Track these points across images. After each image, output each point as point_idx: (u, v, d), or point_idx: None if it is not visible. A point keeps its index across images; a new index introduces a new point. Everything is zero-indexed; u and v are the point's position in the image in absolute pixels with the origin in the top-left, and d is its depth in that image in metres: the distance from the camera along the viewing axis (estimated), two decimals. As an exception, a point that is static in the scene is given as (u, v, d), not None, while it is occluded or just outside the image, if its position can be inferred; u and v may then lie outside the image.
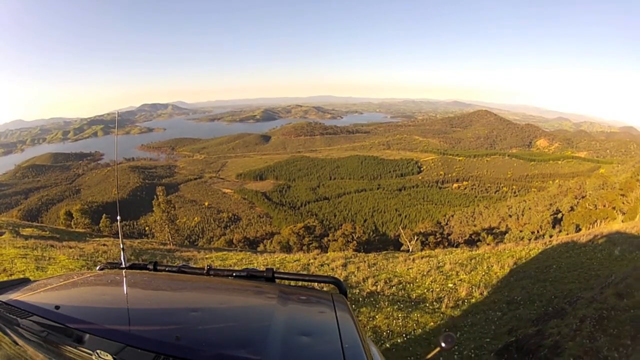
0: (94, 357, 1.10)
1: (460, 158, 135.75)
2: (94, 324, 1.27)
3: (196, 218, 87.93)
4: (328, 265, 10.60)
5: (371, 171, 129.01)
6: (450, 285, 7.88)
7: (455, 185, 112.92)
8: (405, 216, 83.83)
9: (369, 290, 7.57)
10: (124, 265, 2.16)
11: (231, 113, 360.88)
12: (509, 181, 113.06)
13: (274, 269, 2.01)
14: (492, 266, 9.02)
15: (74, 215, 38.73)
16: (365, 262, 10.84)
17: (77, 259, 12.15)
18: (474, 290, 7.28)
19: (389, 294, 7.32)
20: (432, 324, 5.73)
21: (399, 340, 5.10)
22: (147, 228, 67.84)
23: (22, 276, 7.31)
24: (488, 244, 17.87)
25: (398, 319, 5.85)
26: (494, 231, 39.56)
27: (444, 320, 5.84)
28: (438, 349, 1.73)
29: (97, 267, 2.27)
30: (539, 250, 10.39)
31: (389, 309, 6.35)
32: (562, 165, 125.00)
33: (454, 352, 4.89)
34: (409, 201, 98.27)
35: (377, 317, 5.96)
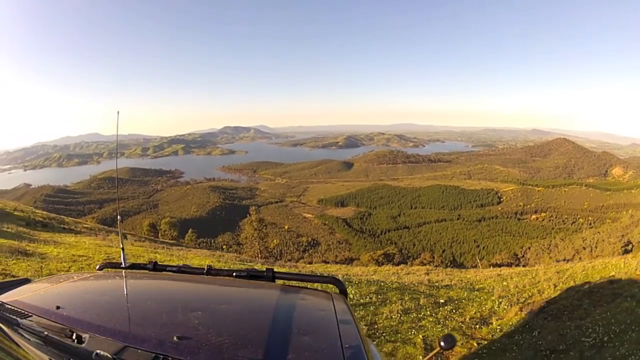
0: (93, 357, 1.08)
1: (539, 188, 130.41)
2: (94, 324, 1.26)
3: (275, 240, 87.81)
4: (414, 274, 13.89)
5: (452, 201, 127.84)
6: (504, 283, 10.95)
7: (533, 216, 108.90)
8: (484, 247, 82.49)
9: (445, 284, 10.94)
10: (124, 265, 2.20)
11: (314, 139, 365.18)
12: (585, 212, 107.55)
13: (274, 269, 2.04)
14: (538, 273, 11.93)
15: (161, 227, 41.48)
16: (443, 272, 14.13)
17: (207, 257, 16.15)
18: (519, 285, 10.36)
19: (459, 286, 10.65)
20: (485, 296, 9.00)
21: (463, 300, 8.48)
22: (224, 247, 71.00)
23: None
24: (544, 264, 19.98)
25: (464, 294, 9.22)
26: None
27: (493, 296, 9.07)
28: (438, 349, 1.79)
29: (97, 267, 2.32)
30: (580, 265, 12.98)
31: (458, 290, 9.75)
32: (635, 194, 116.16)
33: (501, 300, 8.23)
34: (488, 232, 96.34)
35: (450, 292, 9.38)
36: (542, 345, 5.80)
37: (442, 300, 8.37)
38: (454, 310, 7.71)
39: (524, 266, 42.51)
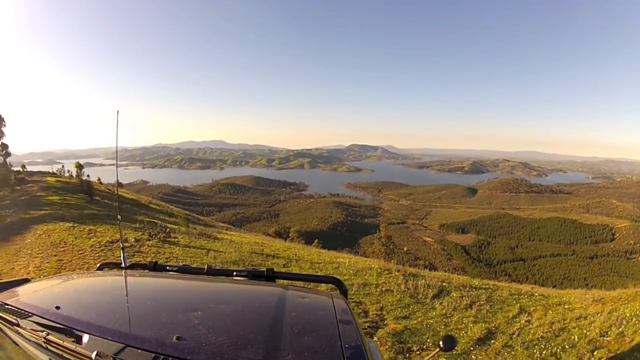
0: (93, 357, 1.05)
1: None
2: (93, 324, 1.23)
3: (393, 260, 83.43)
4: (521, 289, 18.33)
5: (569, 235, 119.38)
6: (586, 296, 15.09)
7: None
8: (591, 287, 78.06)
9: (541, 291, 15.46)
10: (124, 265, 2.13)
11: (440, 162, 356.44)
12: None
13: (274, 269, 2.02)
14: (616, 291, 15.77)
15: (290, 235, 41.69)
16: (543, 289, 18.32)
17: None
18: (595, 295, 14.39)
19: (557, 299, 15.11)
20: (565, 296, 13.50)
21: (549, 296, 13.01)
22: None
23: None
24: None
25: (552, 293, 13.74)
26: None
27: (571, 296, 13.47)
28: (437, 349, 1.74)
29: (97, 267, 2.29)
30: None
31: (549, 292, 14.30)
32: None
33: (575, 297, 12.71)
34: (598, 271, 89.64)
35: (543, 292, 14.03)
36: (591, 314, 10.59)
37: (536, 294, 13.06)
38: (541, 298, 12.38)
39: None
